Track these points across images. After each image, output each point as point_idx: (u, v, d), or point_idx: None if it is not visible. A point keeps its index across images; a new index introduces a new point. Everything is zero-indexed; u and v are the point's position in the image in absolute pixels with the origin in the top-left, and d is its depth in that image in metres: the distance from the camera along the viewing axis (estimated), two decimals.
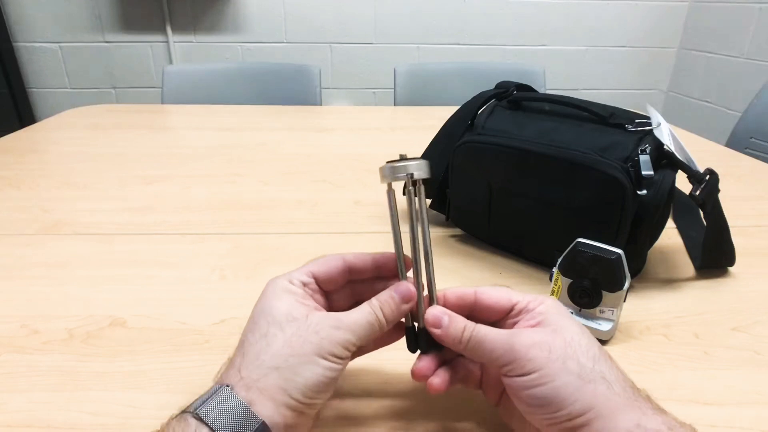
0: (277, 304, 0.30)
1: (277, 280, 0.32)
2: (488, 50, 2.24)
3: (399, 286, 0.31)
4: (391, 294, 0.31)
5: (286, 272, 0.32)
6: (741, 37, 1.95)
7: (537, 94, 0.57)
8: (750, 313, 0.46)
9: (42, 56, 2.09)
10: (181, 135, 1.03)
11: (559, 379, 0.26)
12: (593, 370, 0.27)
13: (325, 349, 0.28)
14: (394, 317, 0.31)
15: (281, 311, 0.29)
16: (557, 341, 0.28)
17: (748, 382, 0.38)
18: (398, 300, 0.31)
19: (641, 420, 0.25)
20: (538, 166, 0.48)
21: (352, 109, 1.38)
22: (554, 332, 0.28)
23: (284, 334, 0.28)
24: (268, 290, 0.31)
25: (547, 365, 0.27)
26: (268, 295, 0.30)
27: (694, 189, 0.46)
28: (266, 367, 0.27)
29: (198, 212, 0.66)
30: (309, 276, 0.32)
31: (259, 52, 2.16)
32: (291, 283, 0.31)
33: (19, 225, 0.61)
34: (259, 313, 0.30)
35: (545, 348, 0.27)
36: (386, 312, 0.30)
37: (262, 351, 0.28)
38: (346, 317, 0.29)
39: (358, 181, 0.77)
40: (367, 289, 0.33)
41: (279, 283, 0.31)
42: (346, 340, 0.29)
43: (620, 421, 0.25)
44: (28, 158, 0.86)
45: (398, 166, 0.32)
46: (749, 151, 1.10)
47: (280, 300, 0.30)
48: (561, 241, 0.43)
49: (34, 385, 0.36)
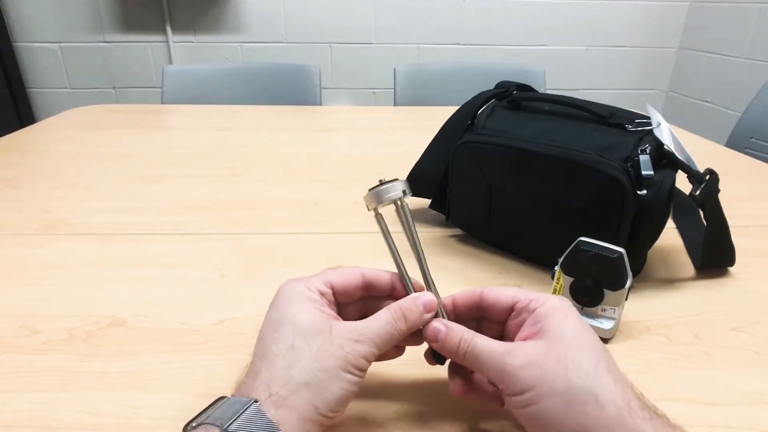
0: (299, 313, 0.29)
1: (294, 284, 0.31)
2: (488, 50, 2.24)
3: (423, 296, 0.32)
4: (414, 301, 0.31)
5: (301, 276, 0.32)
6: (741, 37, 1.95)
7: (537, 94, 0.57)
8: (750, 313, 0.46)
9: (42, 56, 2.09)
10: (181, 135, 1.03)
11: (546, 401, 0.26)
12: (583, 389, 0.26)
13: (351, 363, 0.28)
14: (416, 326, 0.31)
15: (306, 322, 0.29)
16: (549, 359, 0.27)
17: (748, 382, 0.38)
18: (422, 309, 0.31)
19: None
20: (538, 166, 0.48)
21: (352, 109, 1.38)
22: (548, 347, 0.28)
23: (311, 347, 0.28)
24: (285, 294, 0.30)
25: (537, 386, 0.27)
26: (288, 301, 0.30)
27: (694, 189, 0.46)
28: (295, 383, 0.27)
29: (198, 212, 0.66)
30: (327, 286, 0.32)
31: (259, 52, 2.16)
32: (309, 290, 0.31)
33: (19, 225, 0.61)
34: (281, 321, 0.29)
35: (536, 368, 0.27)
36: (409, 318, 0.30)
37: (290, 365, 0.27)
38: (366, 328, 0.29)
39: (358, 181, 0.77)
40: (377, 306, 0.33)
41: (297, 288, 0.31)
42: (369, 352, 0.29)
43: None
44: (28, 158, 0.86)
45: (381, 190, 0.34)
46: (749, 151, 1.10)
47: (302, 308, 0.29)
48: (561, 242, 0.43)
49: (34, 385, 0.36)
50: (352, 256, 0.55)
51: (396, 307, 0.30)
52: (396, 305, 0.31)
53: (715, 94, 2.11)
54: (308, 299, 0.30)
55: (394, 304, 0.31)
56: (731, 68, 2.01)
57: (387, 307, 0.31)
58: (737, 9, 1.97)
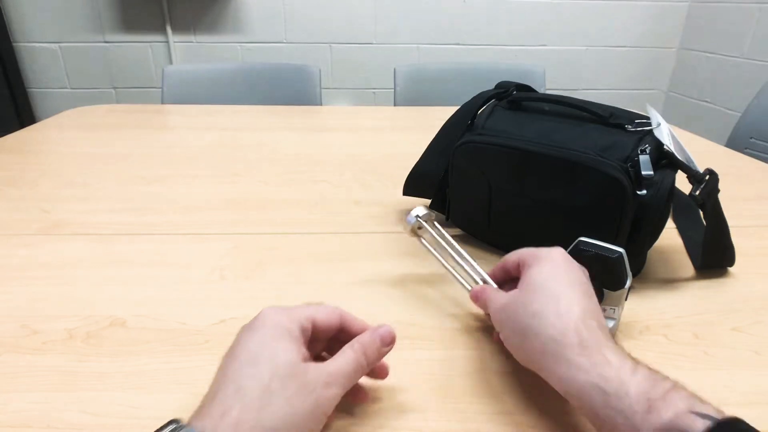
0: (281, 352, 0.28)
1: (278, 316, 0.30)
2: (488, 50, 2.24)
3: (379, 329, 0.33)
4: (373, 336, 0.32)
5: (283, 306, 0.32)
6: (741, 37, 1.95)
7: (537, 94, 0.57)
8: (750, 313, 0.46)
9: (42, 56, 2.09)
10: (181, 135, 1.03)
11: (512, 338, 0.35)
12: (534, 329, 0.33)
13: (320, 407, 0.28)
14: (376, 360, 0.32)
15: (285, 363, 0.28)
16: (517, 304, 0.35)
17: (748, 382, 0.38)
18: (379, 343, 0.32)
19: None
20: (538, 166, 0.48)
21: (352, 109, 1.38)
22: (518, 295, 0.35)
23: (285, 391, 0.27)
24: (268, 325, 0.30)
25: (503, 327, 0.36)
26: (271, 335, 0.29)
27: (694, 189, 0.46)
28: (266, 428, 0.26)
29: (198, 212, 0.66)
30: (309, 322, 0.32)
31: (259, 52, 2.16)
32: (292, 324, 0.30)
33: (19, 225, 0.61)
34: (260, 356, 0.28)
35: (504, 313, 0.36)
36: (369, 355, 0.31)
37: (262, 407, 0.26)
38: (336, 371, 0.29)
39: (358, 181, 0.77)
40: (340, 346, 0.32)
41: (281, 321, 0.30)
42: (337, 395, 0.29)
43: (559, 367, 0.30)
44: (28, 158, 0.86)
45: (408, 218, 0.47)
46: (749, 151, 1.10)
47: (283, 347, 0.29)
48: (560, 242, 0.42)
49: (34, 385, 0.36)
50: (352, 256, 0.55)
51: (358, 346, 0.31)
52: (358, 343, 0.31)
53: (715, 94, 2.11)
54: (290, 336, 0.30)
55: (356, 342, 0.31)
56: (731, 68, 2.01)
57: (349, 345, 0.31)
58: (737, 9, 1.97)
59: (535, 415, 0.34)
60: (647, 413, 0.26)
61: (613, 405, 0.27)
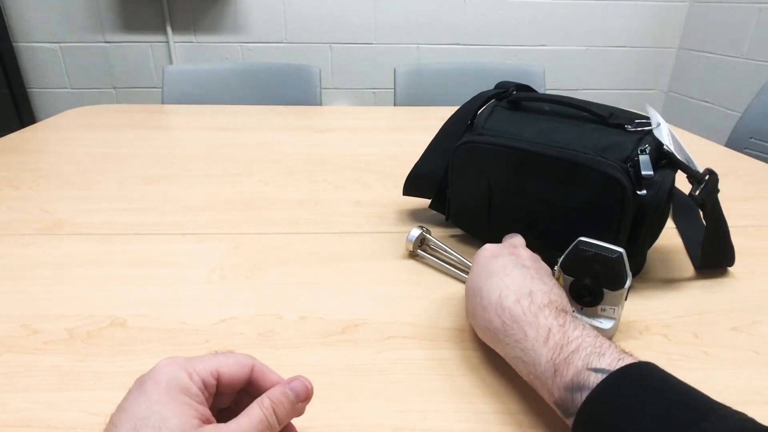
0: (171, 417, 0.25)
1: (176, 370, 0.27)
2: (488, 50, 2.24)
3: (292, 382, 0.29)
4: (284, 391, 0.28)
5: (185, 357, 0.28)
6: (741, 37, 1.95)
7: (537, 94, 0.57)
8: (750, 313, 0.46)
9: (42, 56, 2.09)
10: (181, 135, 1.03)
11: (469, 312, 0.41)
12: (472, 298, 0.39)
13: None
14: (288, 418, 0.28)
15: (174, 427, 0.25)
16: (468, 287, 0.41)
17: (748, 382, 0.38)
18: (293, 398, 0.28)
19: None
20: (537, 166, 0.48)
21: (352, 109, 1.38)
22: (467, 303, 0.41)
23: None
24: (161, 382, 0.26)
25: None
26: (162, 396, 0.26)
27: (693, 189, 0.46)
28: None
29: (198, 212, 0.66)
30: (213, 376, 0.28)
31: (259, 52, 2.16)
32: (191, 381, 0.27)
33: (19, 225, 0.61)
34: (148, 418, 0.25)
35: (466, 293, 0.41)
36: (279, 413, 0.27)
37: None
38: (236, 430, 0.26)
39: (358, 181, 0.77)
40: (251, 399, 0.28)
41: (178, 376, 0.27)
42: None
43: None
44: (28, 158, 0.86)
45: (407, 238, 0.54)
46: (749, 151, 1.10)
47: (175, 410, 0.25)
48: (560, 242, 0.43)
49: (34, 385, 0.36)
50: (352, 256, 0.55)
51: (267, 402, 0.27)
52: (266, 400, 0.27)
53: (715, 94, 2.11)
54: (185, 395, 0.26)
55: (265, 397, 0.27)
56: (731, 68, 2.01)
57: (257, 402, 0.27)
58: (737, 9, 1.97)
59: (535, 415, 0.34)
60: (554, 376, 0.30)
61: (533, 373, 0.32)
